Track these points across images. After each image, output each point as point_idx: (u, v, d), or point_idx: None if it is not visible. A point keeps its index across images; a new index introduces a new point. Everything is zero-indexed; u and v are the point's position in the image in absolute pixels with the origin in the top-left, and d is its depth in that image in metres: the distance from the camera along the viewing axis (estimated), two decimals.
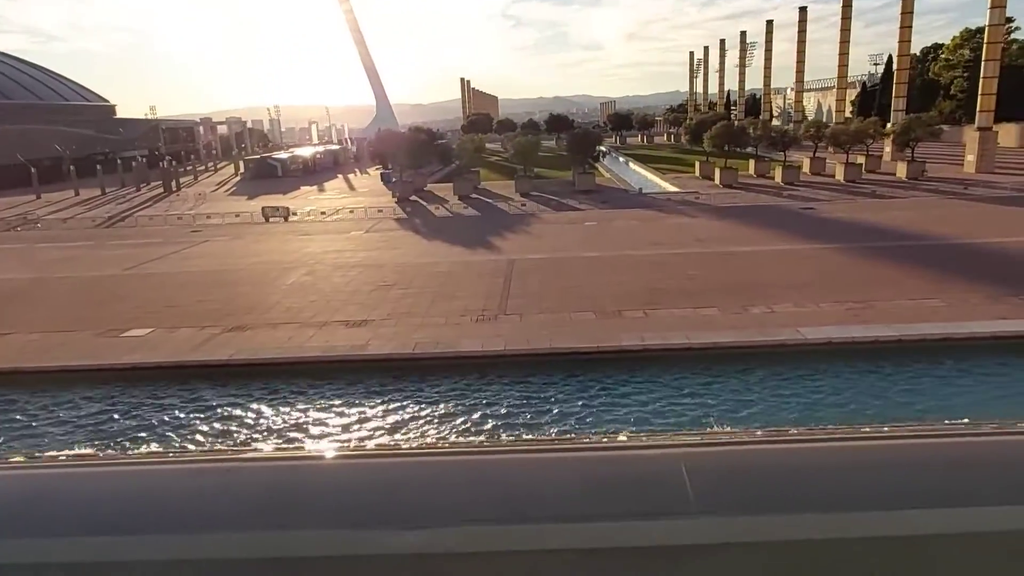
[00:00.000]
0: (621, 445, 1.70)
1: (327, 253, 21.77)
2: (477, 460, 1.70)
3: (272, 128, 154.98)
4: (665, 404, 9.84)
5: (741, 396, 10.04)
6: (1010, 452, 1.51)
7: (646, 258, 19.43)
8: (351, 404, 10.24)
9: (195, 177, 52.89)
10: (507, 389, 10.46)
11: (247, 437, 9.31)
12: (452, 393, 10.44)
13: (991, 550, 1.30)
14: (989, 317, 13.33)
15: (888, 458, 1.53)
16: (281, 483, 1.76)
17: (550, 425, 9.50)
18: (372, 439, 9.42)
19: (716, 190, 37.45)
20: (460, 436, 9.37)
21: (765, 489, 1.41)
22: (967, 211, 25.91)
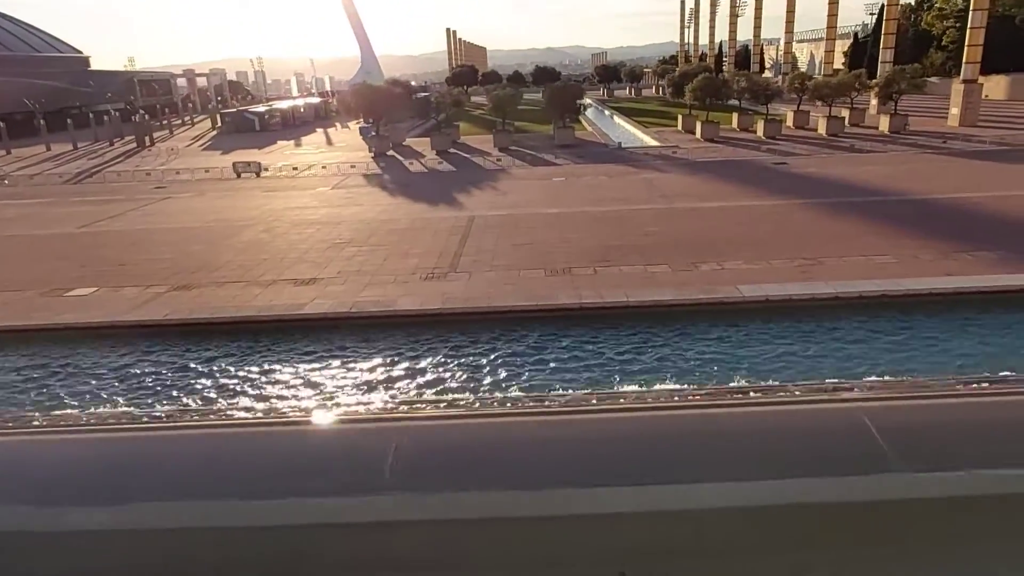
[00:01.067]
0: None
1: (288, 210, 21.52)
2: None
3: (257, 81, 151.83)
4: (596, 362, 9.86)
5: (673, 353, 10.05)
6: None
7: (607, 214, 19.28)
8: (285, 364, 10.22)
9: (170, 131, 51.91)
10: (440, 347, 10.45)
11: (174, 400, 9.30)
12: (387, 352, 10.42)
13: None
14: (936, 273, 13.32)
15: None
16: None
17: (483, 385, 9.53)
18: (306, 399, 9.42)
19: (696, 144, 37.06)
20: (392, 397, 9.39)
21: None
22: (939, 166, 25.70)
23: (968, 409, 2.05)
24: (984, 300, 11.36)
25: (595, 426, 1.90)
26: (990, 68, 56.55)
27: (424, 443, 1.77)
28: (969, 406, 2.11)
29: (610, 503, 1.55)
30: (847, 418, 1.90)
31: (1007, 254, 14.28)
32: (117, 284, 14.24)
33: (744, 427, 1.92)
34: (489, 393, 8.90)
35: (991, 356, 9.33)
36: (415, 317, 11.15)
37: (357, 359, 10.16)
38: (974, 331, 10.23)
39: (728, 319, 11.10)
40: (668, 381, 9.25)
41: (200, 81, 75.82)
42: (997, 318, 10.73)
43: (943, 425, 1.89)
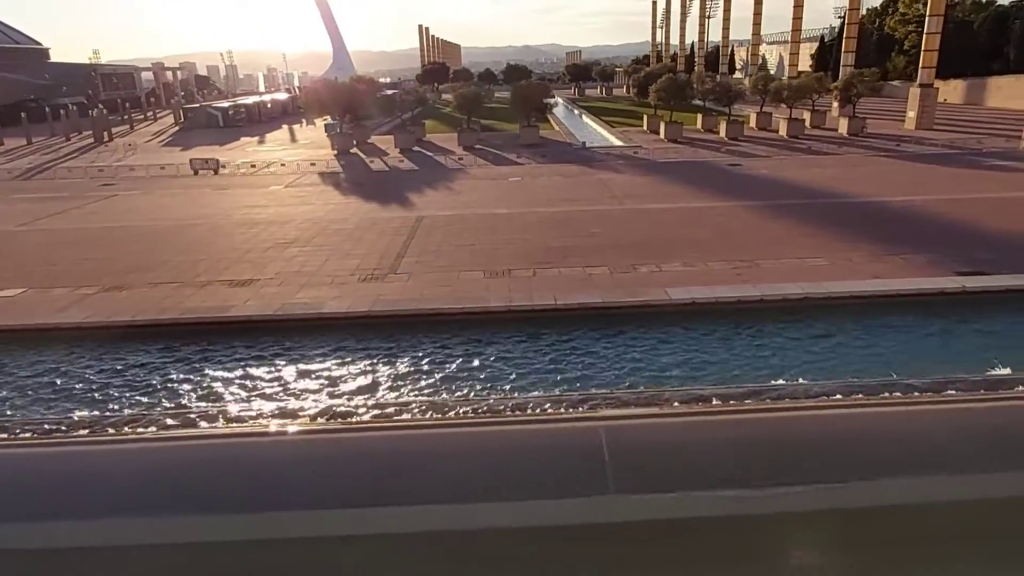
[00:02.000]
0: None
1: (237, 209, 21.25)
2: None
3: (228, 75, 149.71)
4: (519, 365, 9.89)
5: (596, 356, 10.12)
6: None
7: (555, 215, 19.35)
8: (202, 370, 10.09)
9: (131, 126, 50.89)
10: (364, 351, 10.40)
11: (88, 406, 9.14)
12: (309, 356, 10.35)
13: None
14: (865, 276, 13.59)
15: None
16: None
17: (403, 387, 9.51)
18: (232, 404, 9.31)
19: (659, 144, 37.32)
20: (306, 406, 9.33)
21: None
22: (887, 168, 26.20)
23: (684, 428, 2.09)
24: (896, 303, 11.61)
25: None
26: (949, 73, 57.88)
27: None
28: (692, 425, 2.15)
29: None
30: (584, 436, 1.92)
31: (936, 257, 14.61)
32: (47, 285, 13.94)
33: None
34: (396, 398, 8.88)
35: (882, 360, 9.54)
36: (342, 320, 11.08)
37: (278, 363, 10.07)
38: (880, 334, 10.45)
39: (655, 322, 11.21)
40: (593, 387, 9.31)
41: (168, 75, 74.51)
42: (903, 320, 10.97)
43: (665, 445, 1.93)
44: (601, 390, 8.69)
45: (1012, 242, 15.66)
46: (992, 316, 11.12)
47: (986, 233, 16.44)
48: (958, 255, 14.65)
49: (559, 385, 9.10)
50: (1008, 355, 9.19)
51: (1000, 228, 16.72)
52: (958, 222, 17.51)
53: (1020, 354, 9.71)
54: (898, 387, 7.77)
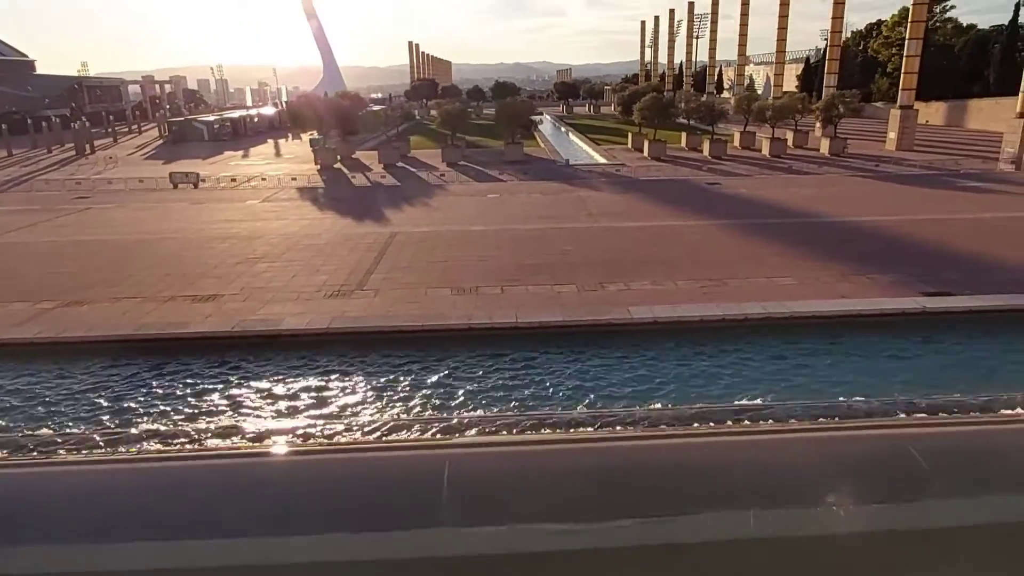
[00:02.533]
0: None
1: (210, 223, 21.11)
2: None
3: (219, 89, 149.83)
4: (472, 385, 9.78)
5: (550, 374, 10.02)
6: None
7: (530, 232, 19.32)
8: (154, 383, 9.91)
9: (115, 139, 50.72)
10: (316, 368, 10.26)
11: (34, 424, 8.94)
12: (262, 373, 10.19)
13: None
14: (830, 296, 13.60)
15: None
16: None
17: (358, 406, 9.36)
18: (181, 424, 9.12)
19: (643, 162, 37.54)
20: (249, 426, 9.16)
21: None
22: (864, 188, 26.41)
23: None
24: (857, 324, 11.60)
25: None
26: (931, 95, 58.76)
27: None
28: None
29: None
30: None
31: (903, 277, 14.66)
32: (7, 299, 13.72)
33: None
34: (338, 417, 8.74)
35: (831, 381, 9.50)
36: (300, 336, 10.94)
37: (231, 380, 9.90)
38: (840, 354, 10.43)
39: (617, 341, 11.13)
40: (556, 407, 9.20)
41: (156, 89, 74.41)
42: (867, 341, 10.95)
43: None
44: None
45: (979, 262, 15.74)
46: (951, 337, 11.11)
47: (954, 253, 16.53)
48: (925, 275, 14.70)
49: (506, 403, 8.99)
50: (960, 374, 9.19)
51: (968, 249, 16.81)
52: (928, 242, 17.60)
53: (970, 374, 9.69)
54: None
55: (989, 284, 14.08)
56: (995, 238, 17.86)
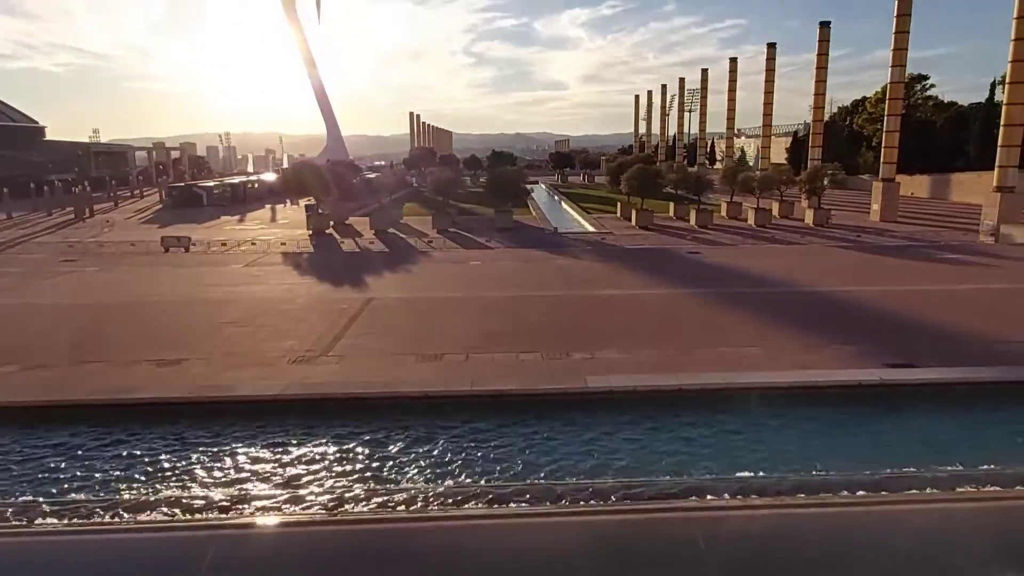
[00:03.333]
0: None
1: (190, 287, 21.34)
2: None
3: (227, 156, 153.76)
4: (422, 455, 9.69)
5: (491, 447, 9.92)
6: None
7: (503, 300, 19.46)
8: (96, 451, 9.81)
9: (115, 203, 51.73)
10: (267, 434, 10.18)
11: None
12: (200, 439, 10.10)
13: None
14: (794, 366, 13.58)
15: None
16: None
17: (302, 475, 9.25)
18: (119, 493, 8.99)
19: (630, 231, 38.09)
20: (182, 495, 9.04)
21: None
22: (843, 259, 26.72)
23: None
24: (813, 395, 11.56)
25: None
26: (915, 169, 60.21)
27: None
28: None
29: None
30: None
31: (870, 348, 14.66)
32: None
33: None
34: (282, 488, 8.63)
35: (773, 451, 9.41)
36: (251, 402, 10.90)
37: (172, 447, 9.82)
38: (789, 425, 10.36)
39: (570, 410, 11.07)
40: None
41: (160, 155, 76.41)
42: (821, 412, 10.89)
43: None
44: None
45: (947, 334, 15.79)
46: (904, 410, 11.06)
47: (924, 325, 16.59)
48: (892, 347, 14.71)
49: (450, 474, 8.88)
50: (901, 450, 9.10)
51: (939, 320, 16.89)
52: (899, 313, 17.69)
53: (908, 449, 9.60)
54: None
55: (957, 356, 14.10)
56: (966, 309, 17.97)
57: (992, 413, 11.00)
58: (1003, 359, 13.67)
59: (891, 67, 42.71)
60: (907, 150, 58.63)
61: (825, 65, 52.01)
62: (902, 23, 41.29)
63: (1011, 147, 34.26)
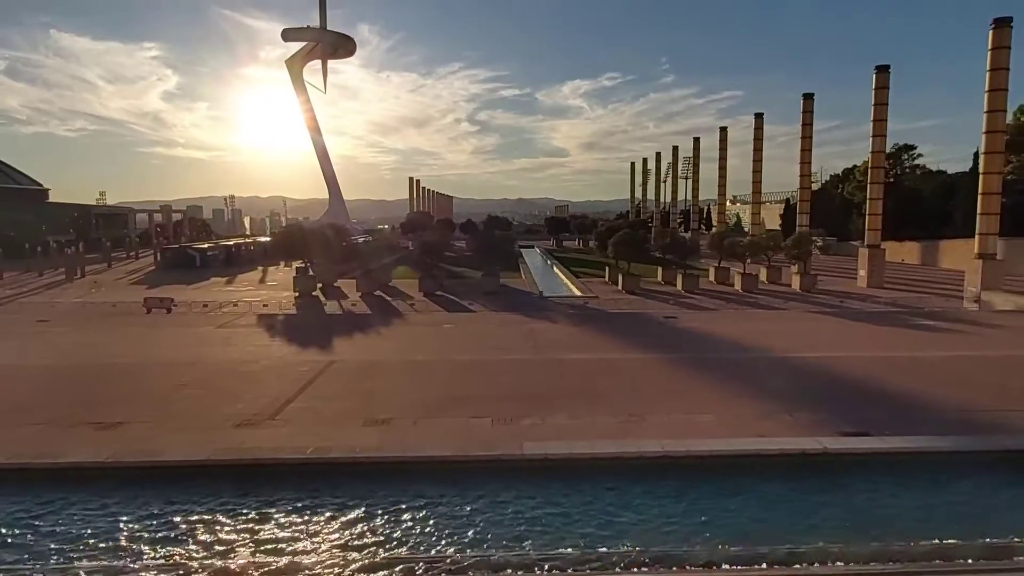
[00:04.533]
0: None
1: (155, 349, 21.26)
2: None
3: (232, 218, 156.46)
4: (331, 522, 9.40)
5: (430, 515, 9.61)
6: None
7: (467, 364, 19.28)
8: (11, 518, 9.55)
9: (109, 264, 52.32)
10: (188, 501, 9.90)
11: None
12: (129, 504, 9.84)
13: None
14: (746, 433, 13.25)
15: None
16: None
17: (214, 545, 8.93)
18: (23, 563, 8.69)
19: (616, 295, 38.12)
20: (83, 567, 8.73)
21: None
22: (819, 325, 26.54)
23: None
24: (754, 464, 11.24)
25: None
26: (905, 236, 60.75)
27: None
28: None
29: None
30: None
31: (828, 415, 14.34)
32: None
33: None
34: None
35: (693, 526, 9.06)
36: (175, 467, 10.65)
37: (87, 513, 9.53)
38: (718, 495, 10.02)
39: (501, 478, 10.77)
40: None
41: (161, 217, 77.71)
42: (759, 482, 10.56)
43: None
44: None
45: (910, 402, 15.48)
46: (845, 479, 10.73)
47: (889, 392, 16.29)
48: (851, 414, 14.41)
49: (359, 549, 8.55)
50: (836, 520, 8.75)
51: (904, 387, 16.59)
52: (865, 380, 17.40)
53: (842, 519, 9.24)
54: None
55: (911, 424, 13.77)
56: (931, 377, 17.67)
57: (936, 484, 10.65)
58: (956, 429, 13.37)
59: (872, 137, 43.72)
60: (897, 217, 59.37)
61: (810, 135, 53.23)
62: (880, 96, 42.50)
63: (990, 215, 34.61)
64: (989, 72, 33.77)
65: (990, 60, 33.72)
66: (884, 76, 42.30)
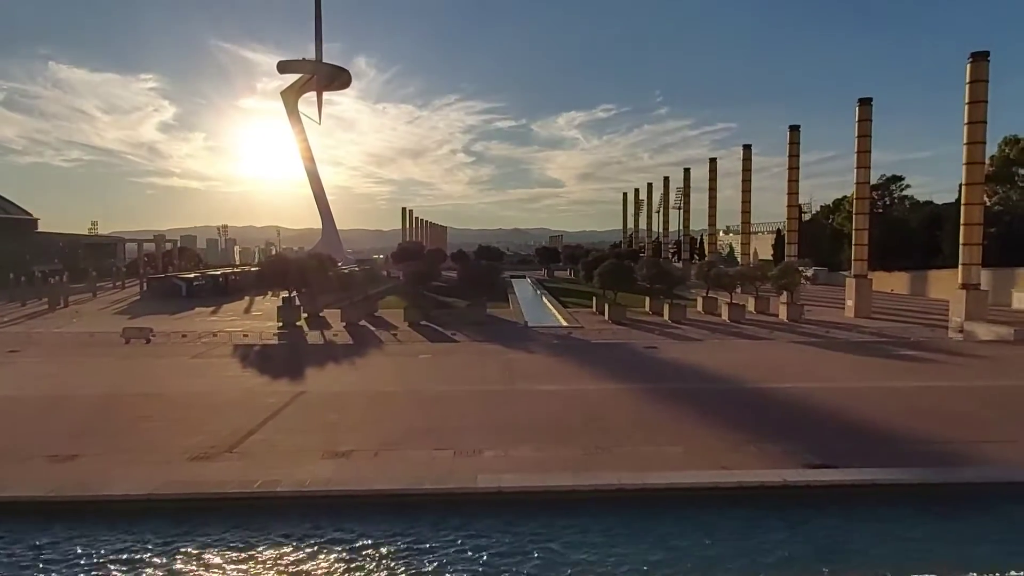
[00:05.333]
0: None
1: (124, 379, 20.96)
2: None
3: (227, 247, 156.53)
4: (271, 559, 9.09)
5: (376, 549, 9.32)
6: None
7: (440, 394, 19.02)
8: None
9: (94, 294, 52.00)
10: (127, 538, 9.59)
11: None
12: (42, 540, 9.52)
13: None
14: (712, 466, 13.01)
15: None
16: None
17: None
18: None
19: (601, 326, 37.87)
20: None
21: None
22: (799, 355, 26.34)
23: None
24: (712, 497, 10.99)
25: None
26: (895, 266, 60.88)
27: None
28: None
29: None
30: None
31: (794, 448, 14.11)
32: None
33: None
34: None
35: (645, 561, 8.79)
36: (117, 503, 10.35)
37: (28, 546, 9.23)
38: (673, 530, 9.74)
39: (461, 511, 10.50)
40: None
41: (151, 247, 77.66)
42: (717, 515, 10.29)
43: None
44: None
45: (878, 434, 15.28)
46: (805, 511, 10.47)
47: (857, 423, 16.08)
48: (817, 446, 14.18)
49: None
50: (794, 552, 8.48)
51: (872, 419, 16.38)
52: (837, 411, 17.17)
53: (800, 552, 8.98)
54: None
55: (881, 456, 13.54)
56: (906, 409, 17.44)
57: (893, 517, 10.41)
58: (917, 461, 13.15)
59: (856, 168, 44.03)
60: (886, 247, 59.50)
61: (797, 166, 53.61)
62: (863, 128, 42.96)
63: (972, 245, 34.71)
64: (968, 105, 34.18)
65: (968, 93, 34.17)
66: (867, 108, 42.80)
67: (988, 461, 13.33)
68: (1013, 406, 17.76)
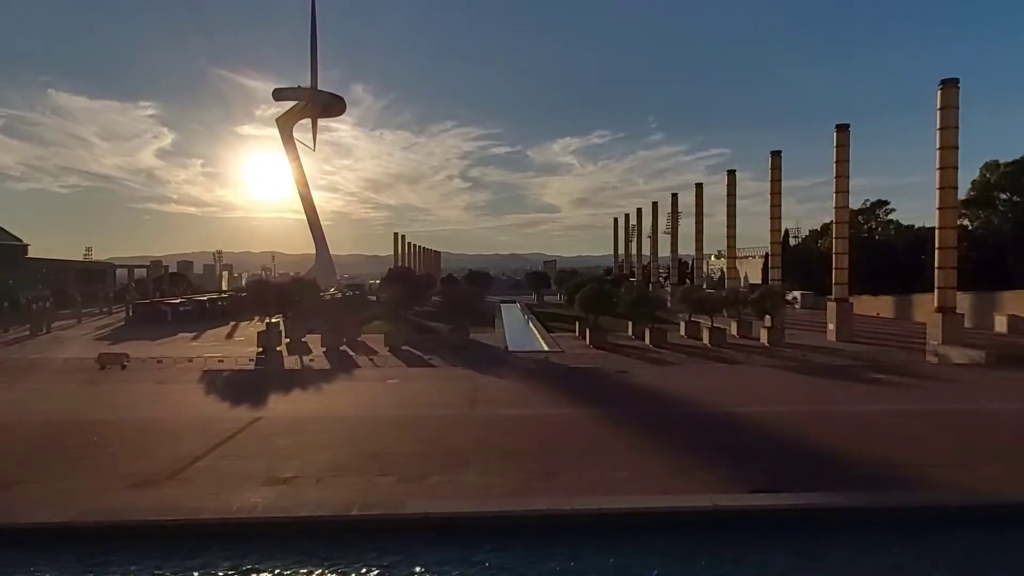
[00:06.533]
0: None
1: (82, 405, 20.87)
2: None
3: (221, 273, 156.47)
4: None
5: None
6: None
7: (398, 419, 18.91)
8: None
9: (78, 320, 51.96)
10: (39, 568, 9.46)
11: None
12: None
13: None
14: (654, 491, 12.89)
15: None
16: None
17: None
18: None
19: (582, 350, 37.83)
20: None
21: None
22: (771, 379, 26.27)
23: None
24: (641, 522, 10.89)
25: None
26: (879, 290, 61.01)
27: None
28: None
29: None
30: None
31: (744, 472, 14.00)
32: None
33: None
34: None
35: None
36: (36, 531, 10.22)
37: None
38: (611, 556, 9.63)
39: (386, 539, 10.38)
40: None
41: (142, 272, 77.80)
42: (641, 542, 10.17)
43: None
44: None
45: (832, 458, 15.15)
46: (737, 537, 10.37)
47: (813, 448, 15.96)
48: (768, 471, 14.07)
49: None
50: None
51: (830, 443, 16.26)
52: (795, 436, 17.07)
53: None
54: None
55: (826, 481, 13.43)
56: (863, 432, 17.36)
57: (830, 546, 10.31)
58: (865, 485, 13.05)
59: (835, 193, 44.47)
60: (872, 271, 59.71)
61: (779, 191, 53.92)
62: (841, 153, 43.48)
63: (947, 269, 34.88)
64: (939, 131, 34.59)
65: (939, 119, 34.61)
66: (844, 134, 43.35)
67: (935, 485, 13.24)
68: (970, 430, 17.68)
